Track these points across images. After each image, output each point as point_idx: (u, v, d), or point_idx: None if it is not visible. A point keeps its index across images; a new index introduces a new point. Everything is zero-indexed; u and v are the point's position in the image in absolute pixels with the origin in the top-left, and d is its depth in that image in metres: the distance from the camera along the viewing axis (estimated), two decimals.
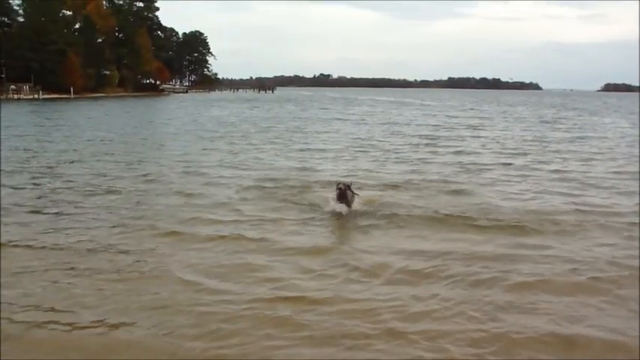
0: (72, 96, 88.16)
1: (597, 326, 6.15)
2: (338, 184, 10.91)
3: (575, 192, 13.60)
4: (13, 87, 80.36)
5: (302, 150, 22.14)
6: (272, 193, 12.88)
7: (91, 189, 13.28)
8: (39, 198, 12.32)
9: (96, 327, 6.03)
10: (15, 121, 36.40)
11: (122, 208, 11.29)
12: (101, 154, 20.23)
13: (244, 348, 5.62)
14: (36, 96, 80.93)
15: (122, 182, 14.22)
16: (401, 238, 9.49)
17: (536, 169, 17.40)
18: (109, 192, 12.96)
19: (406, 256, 8.46)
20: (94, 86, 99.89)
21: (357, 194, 11.17)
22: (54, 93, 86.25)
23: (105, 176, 15.18)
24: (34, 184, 14.00)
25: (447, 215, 10.84)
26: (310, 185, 13.79)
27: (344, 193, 10.71)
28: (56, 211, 11.09)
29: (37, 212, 10.95)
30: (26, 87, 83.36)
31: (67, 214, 10.80)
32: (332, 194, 11.00)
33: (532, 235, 9.70)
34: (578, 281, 7.48)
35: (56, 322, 6.12)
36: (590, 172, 16.91)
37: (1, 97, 73.73)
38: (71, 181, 14.32)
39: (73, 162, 18.17)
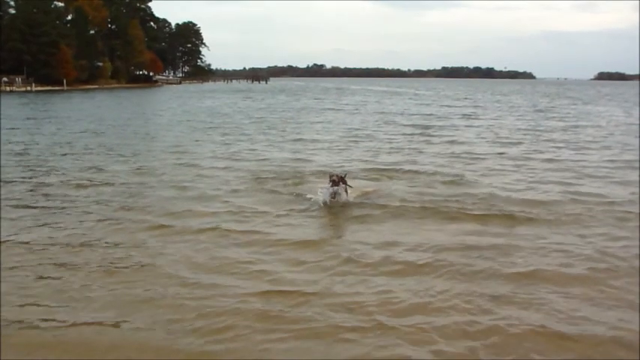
0: (65, 88, 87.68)
1: (592, 317, 6.10)
2: (331, 175, 10.83)
3: (570, 181, 13.56)
4: (5, 79, 79.80)
5: (295, 140, 22.03)
6: (265, 184, 12.77)
7: (83, 182, 13.16)
8: (30, 191, 12.18)
9: (88, 322, 5.94)
10: (7, 114, 36.07)
11: (114, 201, 11.18)
12: (93, 146, 20.06)
13: (237, 342, 5.55)
14: (29, 88, 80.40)
15: (114, 175, 14.10)
16: (394, 228, 9.42)
17: (531, 159, 17.36)
18: (101, 185, 12.84)
19: (399, 247, 8.40)
20: (87, 78, 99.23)
21: (350, 186, 11.07)
22: (47, 85, 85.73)
23: (97, 168, 15.06)
24: (25, 177, 13.85)
25: (440, 205, 10.77)
26: (304, 176, 13.69)
27: (337, 185, 10.63)
28: (47, 204, 10.98)
29: (28, 206, 10.83)
30: (19, 79, 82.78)
31: (58, 208, 10.69)
32: (325, 185, 10.90)
33: (527, 224, 9.65)
34: (574, 272, 7.43)
35: (45, 320, 6.02)
36: (584, 161, 16.88)
37: None
38: (63, 174, 14.18)
39: (65, 155, 18.00)
